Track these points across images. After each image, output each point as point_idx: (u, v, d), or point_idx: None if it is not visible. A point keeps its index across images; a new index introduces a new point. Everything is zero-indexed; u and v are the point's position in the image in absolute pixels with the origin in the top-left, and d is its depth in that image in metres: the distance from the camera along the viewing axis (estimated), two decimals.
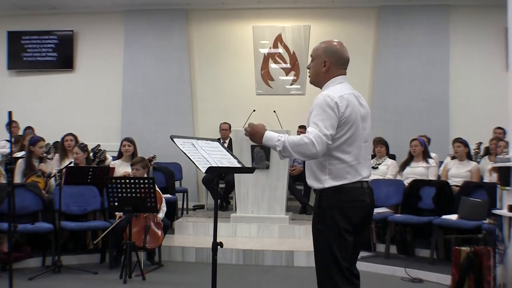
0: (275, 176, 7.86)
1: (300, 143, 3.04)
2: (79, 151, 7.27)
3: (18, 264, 6.28)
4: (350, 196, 3.16)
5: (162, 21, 10.59)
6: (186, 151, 3.81)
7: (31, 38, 10.93)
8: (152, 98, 10.55)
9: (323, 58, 3.31)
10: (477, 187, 6.78)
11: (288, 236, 7.67)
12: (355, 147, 3.17)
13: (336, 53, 3.31)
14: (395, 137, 9.02)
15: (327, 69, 3.29)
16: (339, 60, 3.31)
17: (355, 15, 10.25)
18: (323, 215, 3.18)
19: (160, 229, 6.54)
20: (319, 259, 3.24)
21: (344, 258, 3.15)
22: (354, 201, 3.17)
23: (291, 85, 10.33)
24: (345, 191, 3.15)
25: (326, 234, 3.17)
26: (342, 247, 3.15)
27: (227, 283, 5.66)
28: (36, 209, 6.57)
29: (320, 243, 3.22)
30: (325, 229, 3.17)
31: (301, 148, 3.04)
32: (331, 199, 3.15)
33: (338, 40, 3.41)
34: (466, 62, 9.89)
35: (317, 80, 3.37)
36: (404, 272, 6.15)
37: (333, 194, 3.15)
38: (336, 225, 3.13)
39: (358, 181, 3.18)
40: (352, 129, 3.15)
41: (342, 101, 3.12)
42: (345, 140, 3.14)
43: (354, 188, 3.17)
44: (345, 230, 3.14)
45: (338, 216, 3.13)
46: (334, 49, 3.32)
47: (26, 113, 9.67)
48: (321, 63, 3.31)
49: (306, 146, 3.02)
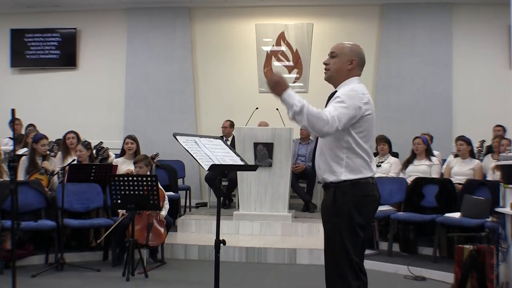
0: (278, 173, 7.86)
1: (317, 115, 3.05)
2: (83, 148, 7.28)
3: (21, 261, 6.30)
4: (364, 191, 3.25)
5: (165, 19, 10.58)
6: (189, 148, 3.82)
7: (34, 36, 10.93)
8: (155, 96, 10.55)
9: (350, 57, 3.40)
10: (480, 185, 6.76)
11: (290, 234, 7.67)
12: (369, 144, 3.29)
13: (362, 55, 3.46)
14: (398, 135, 9.01)
15: (352, 68, 3.39)
16: (362, 62, 3.46)
17: (358, 13, 10.23)
18: (338, 209, 3.23)
19: (163, 226, 6.54)
20: (330, 253, 3.29)
21: (356, 254, 3.22)
22: (367, 196, 3.27)
23: (294, 83, 10.32)
24: (360, 186, 3.24)
25: (340, 229, 3.22)
26: (355, 243, 3.22)
27: (230, 281, 5.66)
28: (39, 206, 6.59)
29: (333, 236, 3.26)
30: (340, 223, 3.22)
31: (315, 120, 3.05)
32: (347, 194, 3.22)
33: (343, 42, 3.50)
34: (469, 60, 9.86)
35: (337, 77, 3.41)
36: (407, 270, 6.16)
37: (349, 188, 3.22)
38: (352, 220, 3.20)
39: (370, 177, 3.28)
40: (370, 126, 3.27)
41: (365, 98, 3.24)
42: (364, 135, 3.24)
43: (367, 183, 3.27)
44: (359, 225, 3.22)
45: (354, 211, 3.20)
46: (360, 51, 3.46)
47: (29, 110, 9.70)
48: (347, 61, 3.39)
49: (321, 121, 3.05)
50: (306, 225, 7.68)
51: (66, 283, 5.76)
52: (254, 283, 6.02)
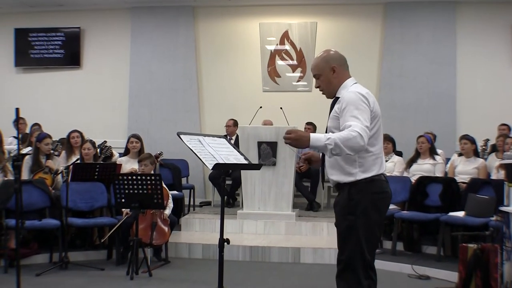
0: (282, 172, 7.86)
1: (349, 137, 3.05)
2: (91, 146, 7.31)
3: (26, 260, 6.32)
4: (379, 187, 3.28)
5: (169, 18, 10.58)
6: (193, 147, 3.83)
7: (38, 35, 10.95)
8: (159, 95, 10.55)
9: (328, 67, 3.38)
10: (484, 184, 6.75)
11: (294, 232, 7.67)
12: (379, 140, 3.31)
13: (336, 56, 3.42)
14: (401, 134, 8.99)
15: (338, 74, 3.38)
16: (341, 61, 3.42)
17: (361, 12, 10.21)
18: (355, 207, 3.24)
19: (167, 225, 6.55)
20: (344, 250, 3.28)
21: (370, 252, 3.25)
22: (382, 192, 3.29)
23: (298, 82, 10.31)
24: (376, 183, 3.26)
25: (357, 227, 3.23)
26: (370, 242, 3.25)
27: (234, 280, 5.66)
28: (43, 205, 6.61)
29: (348, 234, 3.26)
30: (357, 221, 3.23)
31: (351, 142, 3.05)
32: (364, 192, 3.23)
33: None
34: (473, 59, 9.83)
35: (332, 91, 3.42)
36: (411, 269, 6.15)
37: (365, 186, 3.23)
38: (368, 219, 3.22)
39: (382, 174, 3.31)
40: (378, 124, 3.28)
41: (370, 97, 3.25)
42: (373, 133, 3.24)
43: (381, 181, 3.29)
44: (375, 223, 3.25)
45: (371, 209, 3.22)
46: (332, 55, 3.43)
47: (33, 110, 9.71)
48: (329, 72, 3.38)
49: (356, 140, 3.05)
50: (310, 224, 7.68)
51: (70, 282, 5.78)
52: (258, 282, 6.03)
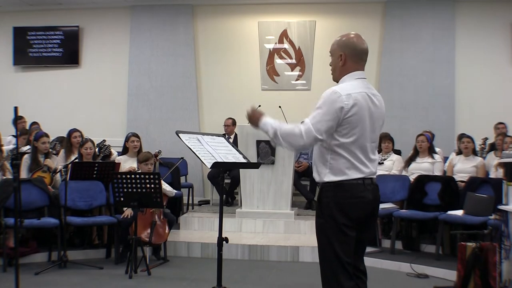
0: (281, 171, 7.86)
1: (290, 132, 3.10)
2: (92, 146, 7.31)
3: (24, 259, 6.32)
4: (349, 192, 3.13)
5: (168, 16, 10.58)
6: (192, 146, 3.83)
7: (37, 33, 10.94)
8: (158, 93, 10.55)
9: (338, 53, 3.26)
10: (483, 182, 6.76)
11: (293, 231, 7.67)
12: (358, 146, 3.13)
13: (351, 46, 3.25)
14: (400, 132, 9.00)
15: (344, 63, 3.24)
16: (354, 52, 3.24)
17: (360, 10, 10.21)
18: (322, 210, 3.18)
19: (166, 224, 6.55)
20: (321, 253, 3.23)
21: (346, 253, 3.12)
22: (353, 197, 3.13)
23: (297, 81, 10.31)
24: (344, 187, 3.13)
25: (326, 229, 3.16)
26: (343, 242, 3.12)
27: (232, 278, 5.67)
28: (42, 204, 6.60)
29: (321, 237, 3.22)
30: (325, 223, 3.17)
31: (290, 138, 3.10)
32: (330, 195, 3.15)
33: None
34: (472, 57, 9.83)
35: (335, 76, 3.32)
36: (410, 267, 6.16)
37: (332, 189, 3.14)
38: (335, 221, 3.12)
39: (360, 178, 3.14)
40: (357, 129, 3.10)
41: (349, 100, 3.07)
42: (348, 137, 3.10)
43: (354, 185, 3.13)
44: (344, 225, 3.11)
45: (336, 212, 3.11)
46: (348, 41, 3.26)
47: (31, 108, 9.70)
48: (337, 58, 3.26)
49: (295, 137, 3.08)
50: (308, 223, 7.68)
51: (69, 280, 5.77)
52: (257, 280, 6.03)
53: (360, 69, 3.27)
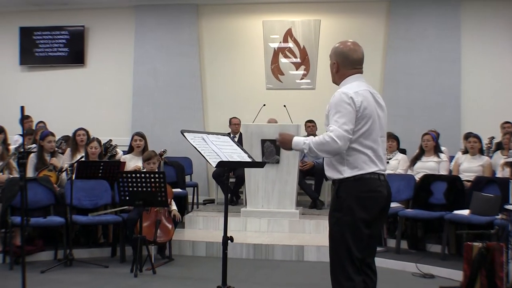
0: (285, 170, 7.85)
1: (322, 142, 3.22)
2: (98, 145, 7.32)
3: (31, 257, 6.34)
4: (368, 186, 3.28)
5: (173, 16, 10.59)
6: (197, 145, 3.84)
7: (43, 33, 10.98)
8: (163, 92, 10.57)
9: (333, 60, 3.48)
10: (489, 182, 6.73)
11: (298, 230, 7.66)
12: (372, 140, 3.30)
13: (343, 54, 3.44)
14: (405, 132, 8.96)
15: (337, 70, 3.46)
16: (346, 61, 3.43)
17: (365, 9, 10.19)
18: (341, 204, 3.29)
19: (171, 223, 6.56)
20: (332, 247, 3.35)
21: (358, 249, 3.26)
22: (371, 191, 3.28)
23: (301, 80, 10.30)
24: (363, 181, 3.27)
25: (342, 223, 3.28)
26: (357, 238, 3.25)
27: (237, 278, 5.67)
28: (48, 203, 6.62)
29: (334, 231, 3.33)
30: (342, 217, 3.28)
31: (324, 147, 3.22)
32: (349, 189, 3.27)
33: (351, 38, 3.58)
34: (478, 56, 9.79)
35: (336, 80, 3.53)
36: (415, 267, 6.14)
37: (352, 184, 3.27)
38: (353, 215, 3.24)
39: (375, 172, 3.30)
40: (369, 123, 3.28)
41: (358, 97, 3.25)
42: (362, 133, 3.27)
43: (371, 179, 3.29)
44: (361, 220, 3.24)
45: (356, 206, 3.24)
46: (342, 50, 3.45)
47: (37, 108, 9.73)
48: (332, 65, 3.48)
49: (328, 144, 3.20)
50: (313, 222, 7.68)
51: (74, 279, 5.79)
52: (262, 279, 6.03)
53: (356, 73, 3.45)
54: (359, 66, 3.45)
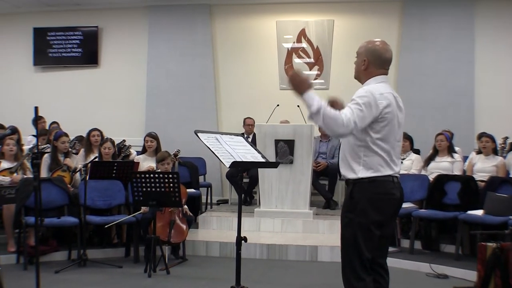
0: (299, 170, 7.85)
1: (334, 117, 3.13)
2: (111, 146, 7.36)
3: (45, 257, 6.38)
4: (382, 188, 3.27)
5: (186, 16, 10.61)
6: (210, 145, 3.85)
7: (57, 34, 11.04)
8: (176, 93, 10.59)
9: (363, 57, 3.41)
10: (503, 182, 6.69)
11: (312, 231, 7.65)
12: (389, 143, 3.28)
13: (375, 53, 3.40)
14: (419, 132, 8.91)
15: (366, 68, 3.40)
16: (377, 60, 3.40)
17: (378, 9, 10.15)
18: (355, 205, 3.29)
19: (185, 223, 6.58)
20: (344, 248, 3.36)
21: (368, 249, 3.26)
22: (385, 193, 3.28)
23: (315, 80, 10.27)
24: (378, 183, 3.26)
25: (354, 224, 3.27)
26: (367, 239, 3.26)
27: (251, 278, 5.67)
28: (62, 203, 6.67)
29: (346, 231, 3.33)
30: (355, 219, 3.27)
31: (331, 121, 3.14)
32: (364, 191, 3.27)
33: (365, 38, 3.54)
34: (492, 56, 9.72)
35: (358, 76, 3.49)
36: (429, 267, 6.12)
37: (366, 185, 3.26)
38: (366, 217, 3.24)
39: (389, 175, 3.29)
40: (389, 126, 3.26)
41: (382, 99, 3.23)
42: (381, 135, 3.25)
43: (385, 182, 3.28)
44: (374, 223, 3.25)
45: (369, 208, 3.24)
46: (374, 48, 3.41)
47: (51, 108, 9.79)
48: (361, 62, 3.42)
49: (336, 123, 3.13)
50: (327, 222, 7.66)
51: (88, 279, 5.82)
52: (275, 280, 6.03)
53: (382, 73, 3.42)
54: (387, 66, 3.44)
